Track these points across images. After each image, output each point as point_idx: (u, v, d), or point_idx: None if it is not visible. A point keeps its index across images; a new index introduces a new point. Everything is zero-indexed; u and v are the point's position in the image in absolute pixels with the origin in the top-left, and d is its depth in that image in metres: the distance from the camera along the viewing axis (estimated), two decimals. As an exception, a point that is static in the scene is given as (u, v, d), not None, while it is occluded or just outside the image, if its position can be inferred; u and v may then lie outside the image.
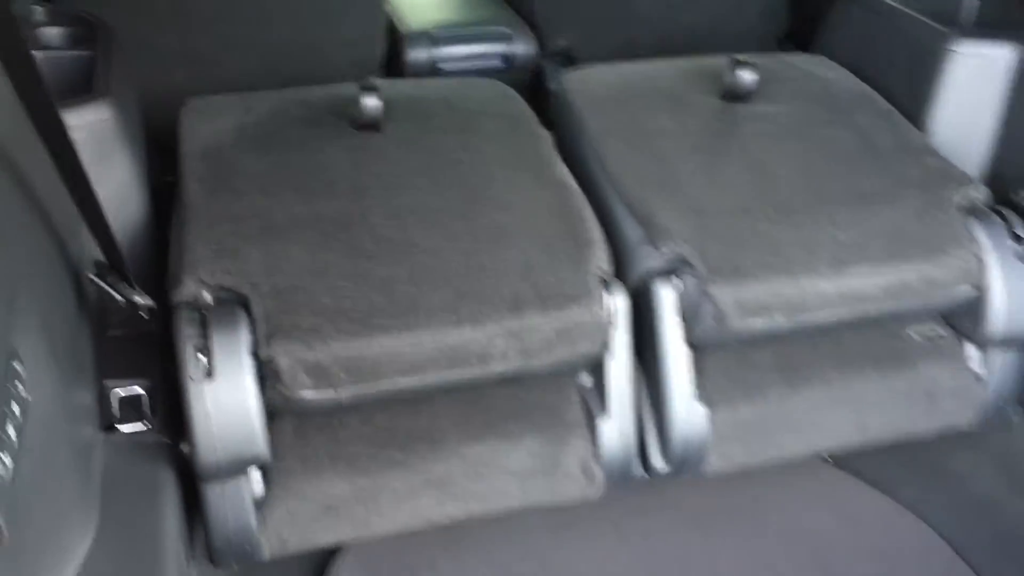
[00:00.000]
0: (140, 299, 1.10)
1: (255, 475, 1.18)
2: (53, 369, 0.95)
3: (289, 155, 1.38)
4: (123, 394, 1.16)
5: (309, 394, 1.13)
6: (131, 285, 1.10)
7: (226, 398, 1.10)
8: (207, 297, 1.15)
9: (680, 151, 1.45)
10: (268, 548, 1.20)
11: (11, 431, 0.77)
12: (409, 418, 1.26)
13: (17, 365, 0.82)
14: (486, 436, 1.26)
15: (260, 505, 1.19)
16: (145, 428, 1.17)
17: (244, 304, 1.15)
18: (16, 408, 0.80)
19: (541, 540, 1.40)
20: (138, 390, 1.17)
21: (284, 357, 1.11)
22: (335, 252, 1.23)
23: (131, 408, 1.17)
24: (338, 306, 1.16)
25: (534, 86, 1.89)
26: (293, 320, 1.14)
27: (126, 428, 1.17)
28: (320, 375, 1.12)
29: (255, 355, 1.12)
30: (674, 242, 1.29)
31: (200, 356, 1.10)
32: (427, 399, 1.27)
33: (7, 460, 0.75)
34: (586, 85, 1.61)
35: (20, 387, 0.82)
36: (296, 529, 1.20)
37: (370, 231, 1.27)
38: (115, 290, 1.10)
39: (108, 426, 1.16)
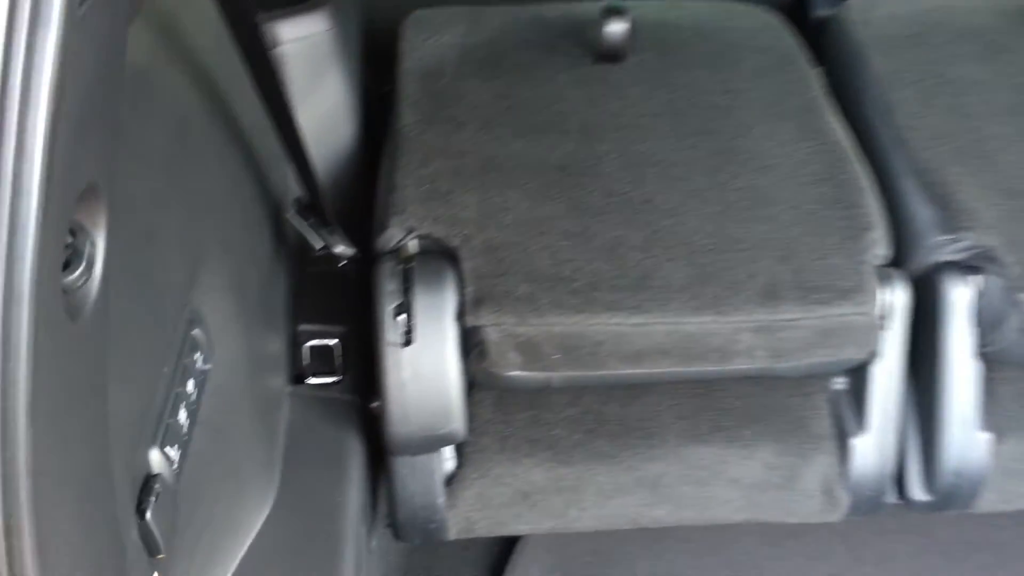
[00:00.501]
0: (340, 244, 0.97)
1: (448, 450, 1.06)
2: (242, 322, 0.85)
3: (516, 84, 1.21)
4: (314, 344, 1.05)
5: (516, 373, 0.97)
6: (331, 227, 0.97)
7: (425, 368, 0.97)
8: (413, 248, 1.01)
9: (992, 111, 1.16)
10: (454, 529, 1.07)
11: (182, 416, 0.66)
12: (623, 406, 1.09)
13: (198, 332, 0.71)
14: (713, 439, 1.07)
15: (450, 481, 1.06)
16: (335, 381, 1.06)
17: (453, 259, 1.00)
18: (190, 385, 0.69)
19: (758, 549, 1.21)
20: (331, 341, 1.06)
21: (493, 330, 0.96)
22: (558, 204, 1.06)
23: (322, 359, 1.07)
24: (557, 272, 0.99)
25: (797, 12, 1.61)
26: (506, 285, 0.98)
27: (315, 380, 1.06)
28: (531, 353, 0.97)
29: (460, 320, 0.98)
30: (978, 230, 1.03)
31: (400, 318, 0.96)
32: (646, 386, 1.09)
33: (173, 453, 0.64)
34: (871, 16, 1.33)
35: (198, 359, 0.71)
36: (486, 513, 1.07)
37: (601, 182, 1.09)
38: (314, 231, 0.97)
39: (297, 377, 1.06)
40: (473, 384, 1.02)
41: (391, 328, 0.96)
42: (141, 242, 0.63)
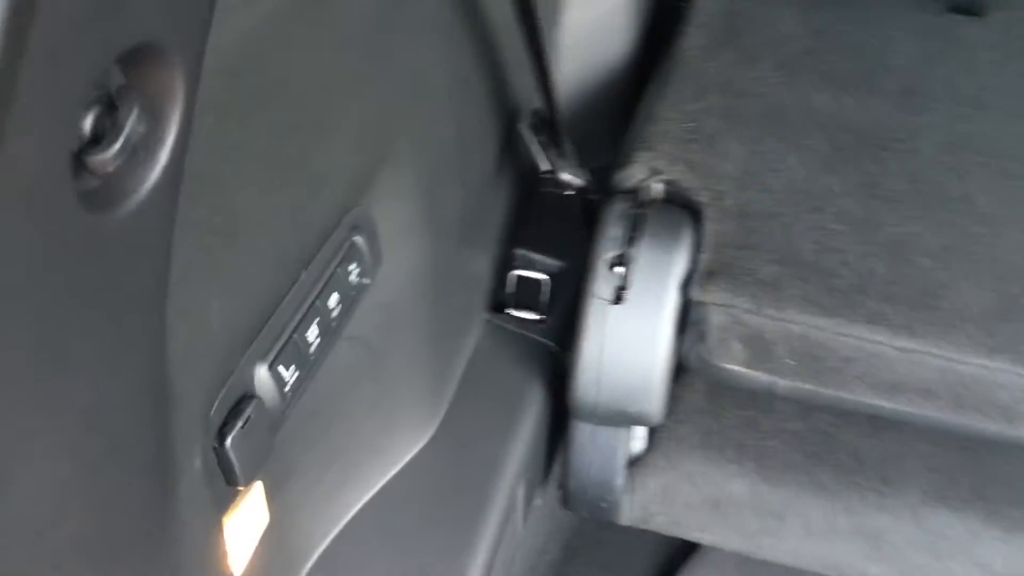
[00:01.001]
0: (569, 170, 0.84)
1: (639, 428, 0.92)
2: (429, 235, 0.74)
3: (837, 21, 1.00)
4: (522, 274, 0.94)
5: (736, 369, 0.81)
6: (563, 149, 0.84)
7: (630, 334, 0.82)
8: (655, 193, 0.86)
9: None
10: (627, 515, 0.94)
11: (311, 332, 0.57)
12: (862, 436, 0.89)
13: (359, 240, 0.61)
14: (968, 507, 0.85)
15: (634, 463, 0.93)
16: (536, 320, 0.95)
17: (695, 217, 0.84)
18: (333, 299, 0.59)
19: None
20: (541, 275, 0.94)
21: (719, 311, 0.79)
22: (844, 177, 0.86)
23: (529, 292, 0.95)
24: (818, 260, 0.81)
25: None
26: (750, 261, 0.81)
27: (516, 313, 0.95)
28: (759, 351, 0.79)
29: (684, 290, 0.82)
30: None
31: (616, 270, 0.82)
32: (897, 420, 0.88)
33: (287, 373, 0.55)
34: None
35: (352, 271, 0.61)
36: (667, 509, 0.93)
37: (907, 161, 0.87)
38: (543, 150, 0.85)
39: (498, 305, 0.95)
40: (682, 367, 0.86)
41: (603, 279, 0.83)
42: (301, 126, 0.53)
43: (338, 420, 0.70)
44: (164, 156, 0.35)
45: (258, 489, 0.60)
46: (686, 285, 0.81)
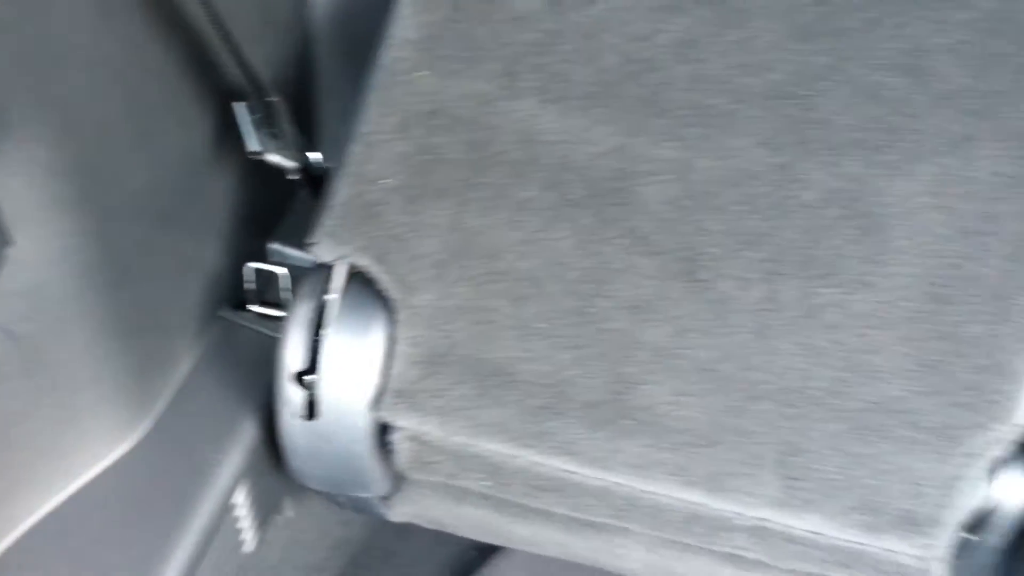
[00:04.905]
0: (279, 151, 0.77)
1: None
2: (92, 213, 0.69)
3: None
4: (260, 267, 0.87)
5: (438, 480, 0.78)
6: (279, 130, 0.77)
7: (331, 447, 0.77)
8: (345, 278, 0.74)
9: None
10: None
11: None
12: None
13: None
14: None
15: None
16: (277, 317, 0.87)
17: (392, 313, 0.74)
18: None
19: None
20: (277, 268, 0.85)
21: (405, 440, 0.75)
22: (558, 245, 0.72)
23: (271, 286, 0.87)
24: (516, 374, 0.73)
25: None
26: (438, 378, 0.73)
27: (255, 309, 0.89)
28: (455, 471, 0.76)
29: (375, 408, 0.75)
30: None
31: (306, 379, 0.75)
32: None
33: None
34: None
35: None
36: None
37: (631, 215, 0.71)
38: (254, 130, 0.76)
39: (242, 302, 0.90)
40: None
41: (291, 391, 0.75)
42: None
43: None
44: None
45: None
46: (377, 403, 0.74)
